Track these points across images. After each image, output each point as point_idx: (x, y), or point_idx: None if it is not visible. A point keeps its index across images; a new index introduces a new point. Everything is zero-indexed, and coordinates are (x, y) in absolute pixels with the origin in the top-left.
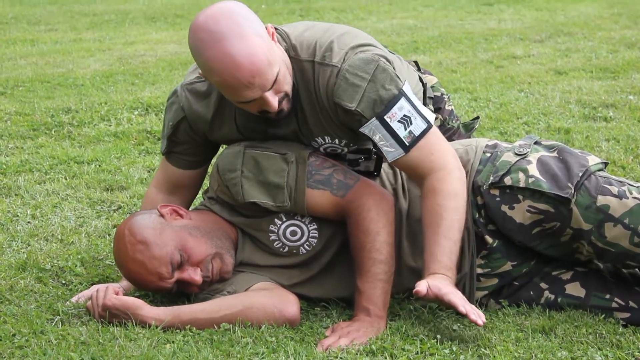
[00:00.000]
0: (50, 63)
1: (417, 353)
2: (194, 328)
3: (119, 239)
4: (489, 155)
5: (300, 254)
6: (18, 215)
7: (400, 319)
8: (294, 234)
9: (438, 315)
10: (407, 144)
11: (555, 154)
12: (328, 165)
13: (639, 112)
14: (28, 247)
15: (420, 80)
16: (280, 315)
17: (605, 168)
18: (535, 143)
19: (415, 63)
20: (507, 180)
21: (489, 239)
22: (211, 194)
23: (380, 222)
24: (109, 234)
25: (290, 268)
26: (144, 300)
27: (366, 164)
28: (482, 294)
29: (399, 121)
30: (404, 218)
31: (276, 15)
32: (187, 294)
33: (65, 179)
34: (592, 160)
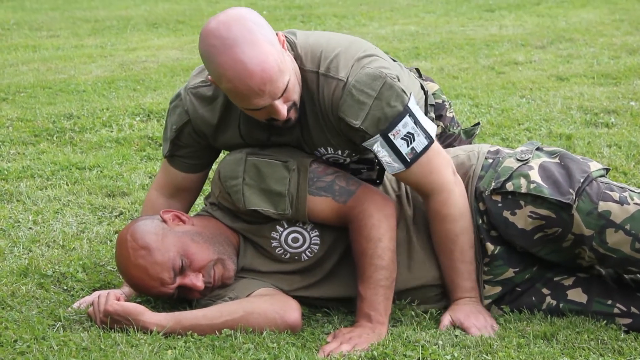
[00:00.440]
0: (52, 69)
1: (419, 359)
2: (196, 334)
3: (121, 244)
4: (490, 161)
5: (302, 260)
6: (19, 221)
7: (401, 324)
8: (295, 240)
9: (439, 321)
10: (409, 160)
11: (557, 160)
12: (330, 171)
13: None
14: (29, 253)
15: (422, 87)
16: (282, 321)
17: (606, 174)
18: (537, 149)
19: (417, 70)
20: (509, 186)
21: (490, 246)
22: (212, 200)
23: (382, 228)
24: (111, 240)
25: (292, 274)
26: (146, 306)
27: (368, 174)
28: (487, 303)
29: (402, 138)
30: (410, 224)
31: (277, 21)
32: (189, 299)
33: (67, 185)
34: (594, 166)
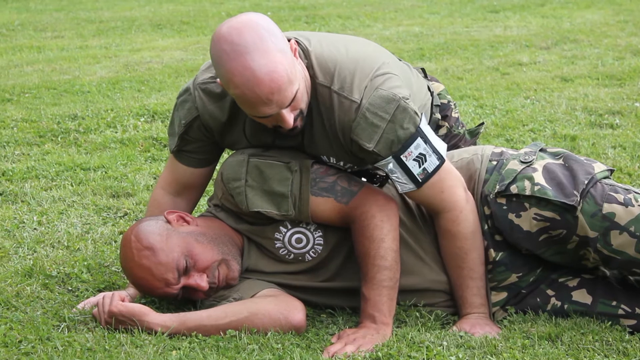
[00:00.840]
0: (56, 70)
1: None
2: (200, 335)
3: (126, 245)
4: (495, 163)
5: (306, 260)
6: (24, 222)
7: (406, 325)
8: (299, 241)
9: (444, 322)
10: (420, 181)
11: (561, 161)
12: (332, 172)
13: None
14: (34, 254)
15: (428, 88)
16: (286, 321)
17: (611, 175)
18: (541, 150)
19: (422, 70)
20: (513, 189)
21: (492, 253)
22: (216, 201)
23: (385, 229)
24: (115, 241)
25: (296, 275)
26: (150, 307)
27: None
28: (494, 310)
29: (414, 159)
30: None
31: (282, 22)
32: (193, 300)
33: (72, 186)
34: (598, 168)
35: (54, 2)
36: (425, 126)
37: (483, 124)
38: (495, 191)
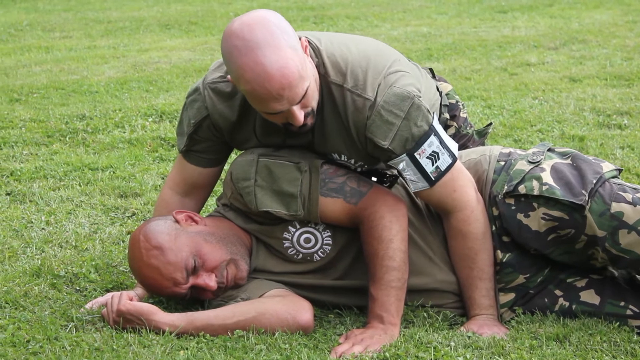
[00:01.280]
0: (64, 70)
1: None
2: (208, 335)
3: (134, 244)
4: (503, 163)
5: (315, 260)
6: (32, 222)
7: (414, 326)
8: (307, 241)
9: (452, 323)
10: (433, 179)
11: (569, 161)
12: (341, 173)
13: None
14: (42, 254)
15: (437, 88)
16: (294, 321)
17: (619, 175)
18: (549, 150)
19: (431, 70)
20: (521, 189)
21: (500, 254)
22: (224, 201)
23: (394, 229)
24: (123, 241)
25: (305, 275)
26: (158, 306)
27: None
28: (502, 311)
29: (427, 157)
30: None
31: (290, 22)
32: (201, 300)
33: (80, 186)
34: (606, 167)
35: (62, 3)
36: (438, 124)
37: (491, 124)
38: (504, 191)
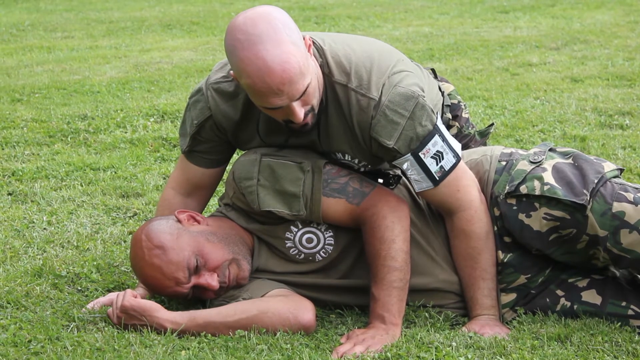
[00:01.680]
0: (66, 70)
1: None
2: (209, 335)
3: (136, 244)
4: (504, 163)
5: (317, 261)
6: (34, 222)
7: (415, 326)
8: (310, 241)
9: (454, 323)
10: (437, 179)
11: (570, 161)
12: (344, 173)
13: None
14: (44, 254)
15: (439, 88)
16: (296, 321)
17: (620, 174)
18: (550, 150)
19: (432, 71)
20: (523, 189)
21: (501, 255)
22: (227, 200)
23: (396, 230)
24: (125, 241)
25: (307, 275)
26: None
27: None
28: (504, 311)
29: (431, 157)
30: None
31: None
32: (203, 300)
33: (81, 186)
34: (608, 167)
35: (64, 3)
36: (441, 124)
37: (493, 124)
38: (505, 192)
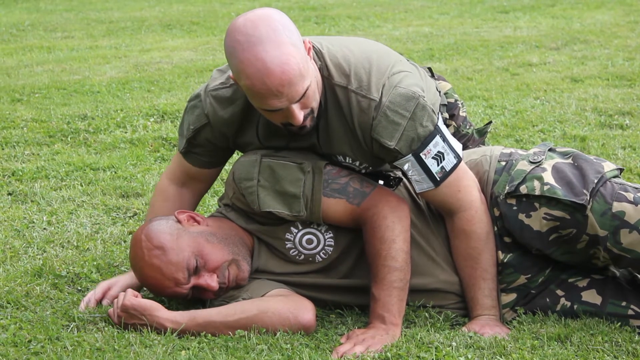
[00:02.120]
0: (66, 70)
1: None
2: (209, 335)
3: (136, 244)
4: (504, 164)
5: (317, 261)
6: (34, 222)
7: (415, 326)
8: (310, 242)
9: (454, 323)
10: (438, 179)
11: (570, 161)
12: (344, 173)
13: None
14: (44, 254)
15: (436, 88)
16: (296, 321)
17: (620, 174)
18: (550, 150)
19: (429, 69)
20: (523, 189)
21: (500, 255)
22: (226, 201)
23: (396, 230)
24: (125, 241)
25: (306, 275)
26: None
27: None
28: (504, 311)
29: (432, 157)
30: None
31: None
32: (203, 300)
33: (81, 186)
34: (608, 167)
35: (64, 3)
36: (442, 125)
37: (491, 122)
38: (505, 192)
